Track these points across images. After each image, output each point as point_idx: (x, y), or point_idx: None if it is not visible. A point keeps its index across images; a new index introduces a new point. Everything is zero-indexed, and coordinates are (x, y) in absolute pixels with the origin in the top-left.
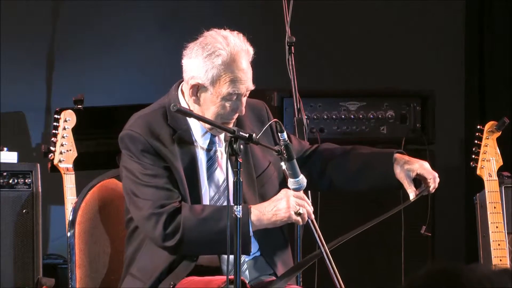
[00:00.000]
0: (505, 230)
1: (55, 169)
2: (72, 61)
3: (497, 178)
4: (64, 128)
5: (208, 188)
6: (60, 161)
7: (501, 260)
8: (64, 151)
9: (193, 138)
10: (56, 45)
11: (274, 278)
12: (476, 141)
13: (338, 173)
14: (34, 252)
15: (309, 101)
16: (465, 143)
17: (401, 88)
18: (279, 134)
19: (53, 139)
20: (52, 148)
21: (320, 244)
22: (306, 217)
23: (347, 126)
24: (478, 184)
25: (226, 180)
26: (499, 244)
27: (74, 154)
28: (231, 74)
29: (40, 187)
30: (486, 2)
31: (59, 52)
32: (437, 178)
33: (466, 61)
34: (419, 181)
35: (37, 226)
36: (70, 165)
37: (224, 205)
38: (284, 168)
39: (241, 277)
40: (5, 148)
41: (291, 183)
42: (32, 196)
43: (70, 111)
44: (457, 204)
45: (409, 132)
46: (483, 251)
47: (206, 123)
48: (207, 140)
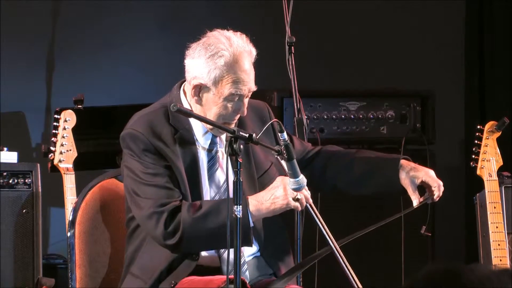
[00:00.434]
0: (505, 230)
1: (55, 169)
2: (72, 61)
3: (497, 178)
4: (64, 128)
5: (209, 189)
6: (60, 161)
7: (501, 260)
8: (64, 151)
9: (195, 138)
10: (56, 45)
11: (274, 278)
12: (476, 141)
13: (342, 177)
14: (34, 252)
15: (309, 101)
16: (465, 143)
17: (401, 88)
18: (279, 134)
19: (53, 139)
20: (52, 148)
21: (322, 228)
22: (305, 202)
23: (347, 126)
24: (478, 184)
25: (226, 180)
26: (499, 244)
27: (74, 154)
28: (234, 75)
29: (40, 187)
30: (486, 2)
31: (59, 52)
32: (442, 187)
33: (466, 61)
34: (423, 189)
35: (37, 226)
36: (70, 165)
37: (222, 199)
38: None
39: (241, 277)
40: (5, 148)
41: (291, 183)
42: (32, 196)
43: (70, 111)
44: (457, 204)
45: (409, 132)
46: (483, 251)
47: (206, 123)
48: (208, 141)
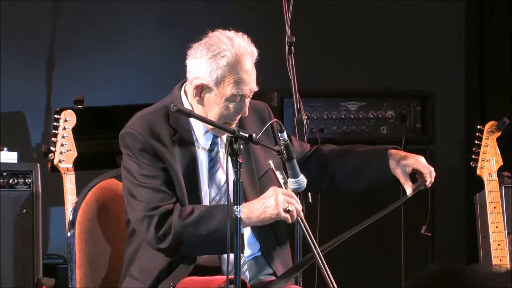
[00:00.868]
0: (505, 230)
1: (55, 169)
2: (72, 61)
3: (497, 178)
4: (64, 128)
5: (209, 189)
6: (60, 161)
7: (501, 260)
8: (64, 151)
9: (194, 138)
10: (56, 45)
11: (274, 278)
12: (476, 141)
13: (337, 174)
14: (34, 252)
15: (309, 101)
16: (465, 143)
17: (401, 88)
18: (279, 134)
19: (53, 139)
20: (52, 148)
21: (311, 242)
22: (295, 215)
23: (347, 126)
24: (478, 184)
25: (226, 180)
26: (499, 244)
27: (74, 154)
28: (236, 76)
29: (40, 187)
30: (486, 2)
31: (59, 52)
32: (433, 172)
33: (466, 61)
34: (415, 176)
35: (37, 226)
36: (70, 165)
37: (216, 205)
38: (272, 167)
39: (241, 277)
40: (5, 148)
41: (291, 183)
42: (32, 196)
43: (70, 111)
44: (457, 204)
45: (409, 132)
46: (483, 251)
47: (207, 123)
48: (209, 141)
